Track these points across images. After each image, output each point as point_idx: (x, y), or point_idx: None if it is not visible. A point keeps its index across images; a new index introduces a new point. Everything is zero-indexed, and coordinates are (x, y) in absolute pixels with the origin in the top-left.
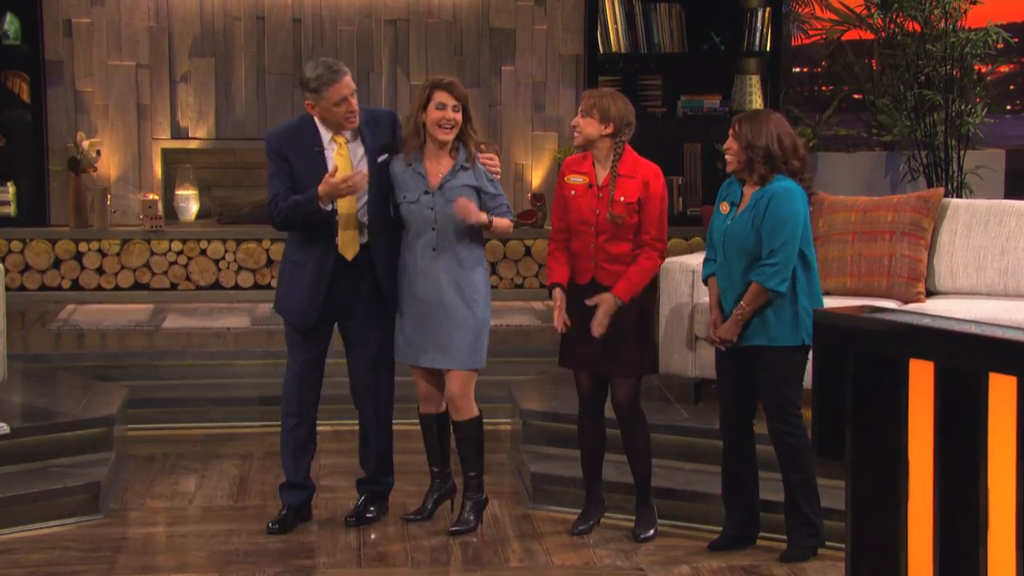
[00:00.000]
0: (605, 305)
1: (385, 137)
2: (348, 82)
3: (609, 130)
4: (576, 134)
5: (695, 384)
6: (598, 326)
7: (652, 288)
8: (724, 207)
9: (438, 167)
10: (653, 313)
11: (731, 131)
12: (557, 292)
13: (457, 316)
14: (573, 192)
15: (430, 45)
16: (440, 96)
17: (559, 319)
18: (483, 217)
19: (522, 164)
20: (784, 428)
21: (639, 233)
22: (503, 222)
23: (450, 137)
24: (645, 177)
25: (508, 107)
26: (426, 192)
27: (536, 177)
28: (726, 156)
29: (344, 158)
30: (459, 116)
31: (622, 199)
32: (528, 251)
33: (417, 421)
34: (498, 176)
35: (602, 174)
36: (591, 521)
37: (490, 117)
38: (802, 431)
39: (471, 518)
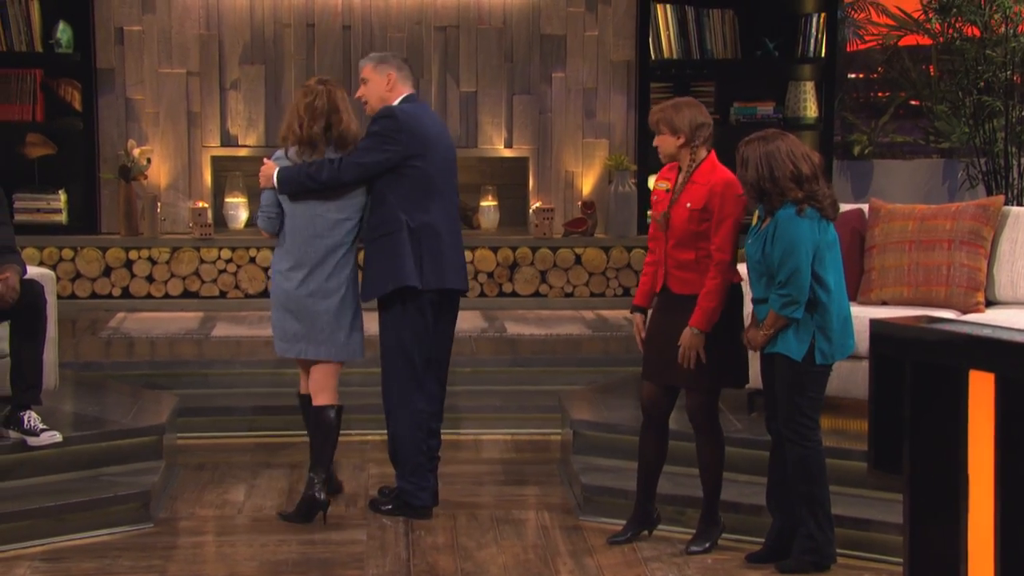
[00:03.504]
0: (685, 341)
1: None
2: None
3: (682, 140)
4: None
5: (749, 394)
6: (683, 360)
7: (735, 300)
8: (755, 219)
9: None
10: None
11: None
12: (637, 318)
13: None
14: (656, 198)
15: (480, 51)
16: None
17: (640, 343)
18: None
19: (572, 171)
20: (792, 437)
21: (707, 241)
22: None
23: None
24: (714, 185)
25: (558, 114)
26: None
27: (586, 184)
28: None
29: None
30: None
31: (688, 205)
32: (578, 260)
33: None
34: None
35: (680, 180)
36: (629, 533)
37: (540, 124)
38: (812, 443)
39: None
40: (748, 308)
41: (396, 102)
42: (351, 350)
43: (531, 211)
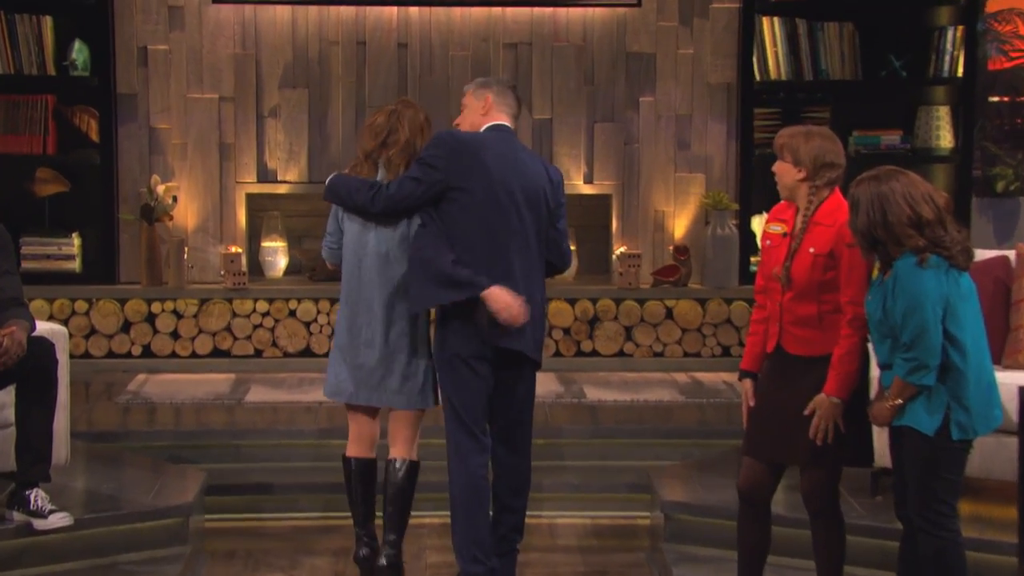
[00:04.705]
0: (821, 410)
1: None
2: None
3: (803, 174)
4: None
5: (873, 474)
6: (815, 433)
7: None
8: (875, 270)
9: None
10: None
11: None
12: (746, 385)
13: None
14: (769, 243)
15: (556, 73)
16: None
17: (745, 415)
18: None
19: (662, 211)
20: (925, 526)
21: (833, 293)
22: None
23: None
24: (842, 226)
25: (647, 144)
26: None
27: (679, 226)
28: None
29: None
30: None
31: (811, 250)
32: (669, 313)
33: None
34: None
35: (799, 223)
36: None
37: (626, 156)
38: (949, 533)
39: None
40: (874, 372)
41: (483, 128)
42: (404, 398)
43: (614, 257)
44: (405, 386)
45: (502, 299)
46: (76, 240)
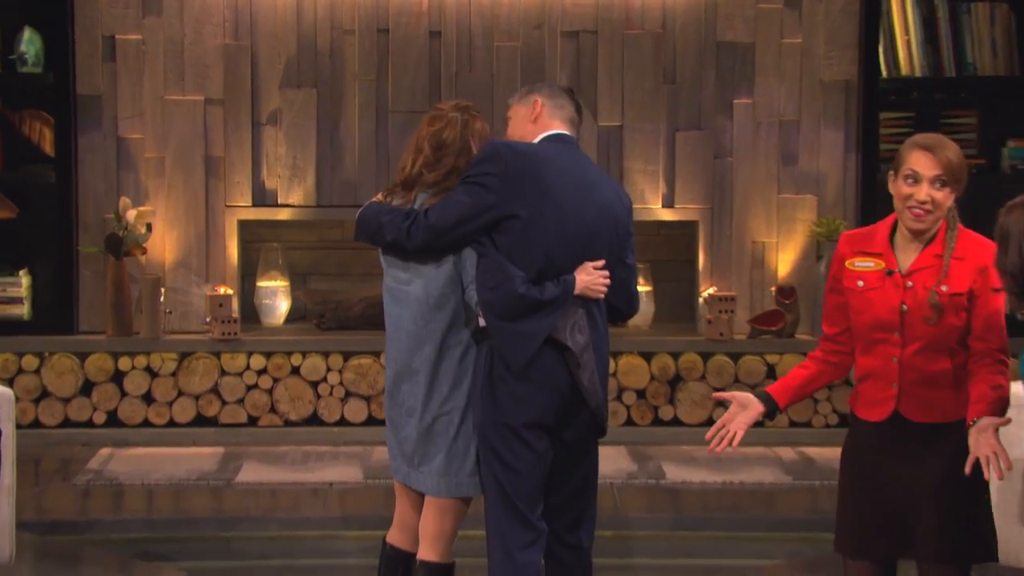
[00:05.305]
0: (983, 423)
1: None
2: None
3: (953, 198)
4: (921, 212)
5: None
6: (992, 460)
7: None
8: None
9: None
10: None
11: None
12: (749, 399)
13: None
14: (861, 283)
15: (628, 68)
16: None
17: (716, 432)
18: None
19: (763, 242)
20: None
21: (969, 341)
22: None
23: None
24: (981, 260)
25: (743, 159)
26: None
27: (784, 262)
28: None
29: None
30: None
31: (944, 289)
32: (771, 372)
33: None
34: None
35: (909, 256)
36: None
37: (716, 172)
38: None
39: None
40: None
41: (537, 139)
42: (450, 483)
43: (702, 300)
44: (451, 467)
45: (587, 278)
46: (25, 279)
